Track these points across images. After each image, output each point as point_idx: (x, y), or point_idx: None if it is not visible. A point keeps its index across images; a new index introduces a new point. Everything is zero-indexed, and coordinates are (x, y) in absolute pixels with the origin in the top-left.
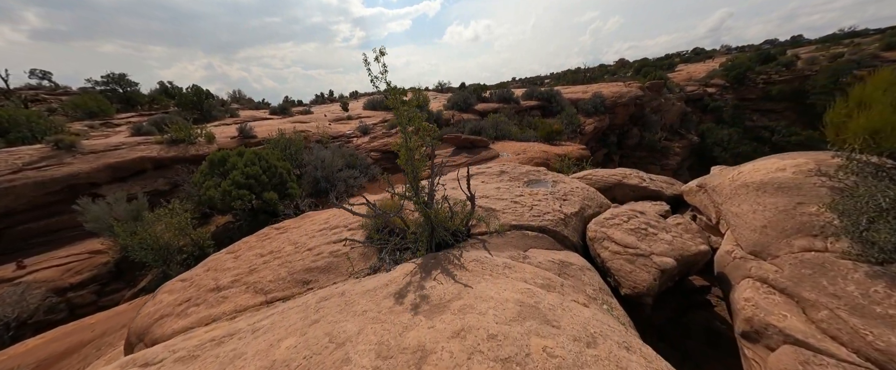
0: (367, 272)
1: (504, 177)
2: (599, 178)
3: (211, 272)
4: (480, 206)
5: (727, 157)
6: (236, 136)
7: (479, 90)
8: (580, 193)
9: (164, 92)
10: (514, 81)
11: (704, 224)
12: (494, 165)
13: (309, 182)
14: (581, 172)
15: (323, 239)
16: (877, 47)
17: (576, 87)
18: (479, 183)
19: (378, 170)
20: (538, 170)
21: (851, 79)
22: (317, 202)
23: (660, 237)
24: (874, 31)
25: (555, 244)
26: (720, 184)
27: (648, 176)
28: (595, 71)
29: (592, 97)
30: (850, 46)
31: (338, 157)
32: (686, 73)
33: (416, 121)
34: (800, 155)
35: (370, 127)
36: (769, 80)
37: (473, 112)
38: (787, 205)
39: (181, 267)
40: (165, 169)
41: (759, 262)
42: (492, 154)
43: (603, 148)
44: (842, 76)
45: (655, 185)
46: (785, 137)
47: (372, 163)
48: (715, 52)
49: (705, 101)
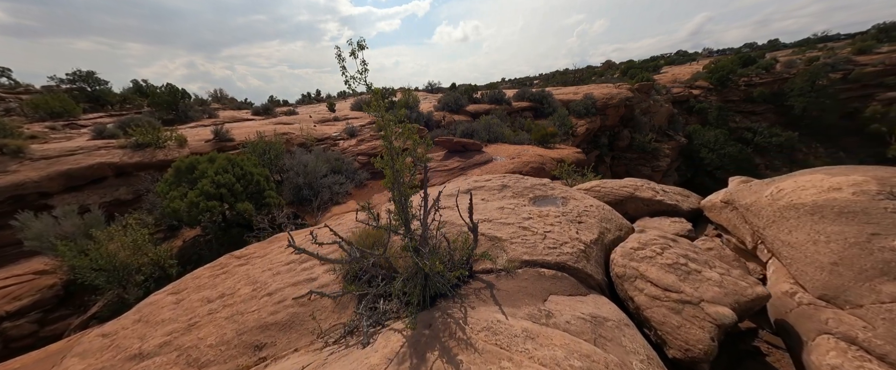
0: (341, 333)
1: (507, 192)
2: (609, 191)
3: (141, 324)
4: (484, 234)
5: (714, 158)
6: (211, 139)
7: (470, 91)
8: (596, 213)
9: (137, 91)
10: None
11: (735, 246)
12: (495, 178)
13: (290, 189)
14: (588, 183)
15: (289, 277)
16: (849, 52)
17: (566, 88)
18: (478, 201)
19: (366, 174)
20: (543, 182)
21: (827, 81)
22: (297, 211)
23: (705, 275)
24: (845, 35)
25: (577, 286)
26: (755, 202)
27: (660, 187)
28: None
29: (584, 98)
30: (824, 50)
31: (322, 161)
32: (671, 74)
33: (407, 133)
34: (852, 170)
35: (357, 129)
36: (750, 83)
37: (465, 113)
38: (858, 238)
39: (140, 289)
40: (128, 176)
41: (836, 313)
42: (485, 157)
43: (595, 149)
44: (818, 79)
45: (670, 197)
46: (766, 138)
47: (359, 167)
48: (697, 54)
49: (691, 103)
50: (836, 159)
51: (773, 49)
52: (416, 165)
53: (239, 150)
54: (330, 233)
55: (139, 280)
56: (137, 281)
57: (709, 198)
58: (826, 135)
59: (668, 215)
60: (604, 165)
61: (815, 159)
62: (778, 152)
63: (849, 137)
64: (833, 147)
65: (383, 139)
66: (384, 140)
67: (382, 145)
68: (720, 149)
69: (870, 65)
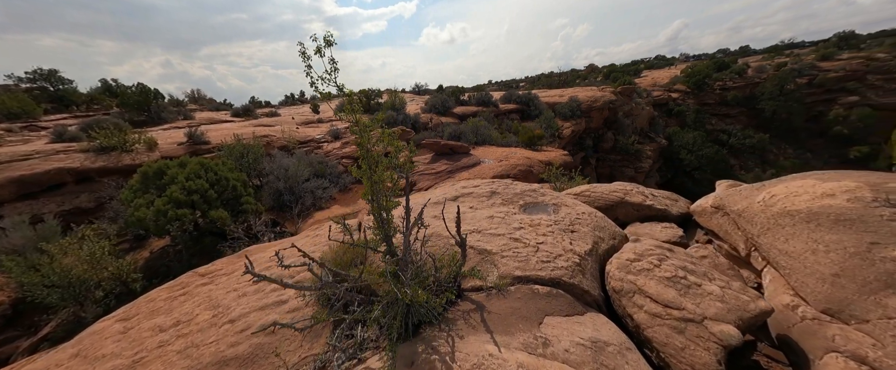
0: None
1: (496, 199)
2: (599, 196)
3: (78, 361)
4: (472, 248)
5: (692, 159)
6: (184, 142)
7: (457, 93)
8: (588, 221)
9: (106, 90)
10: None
11: (727, 252)
12: (483, 184)
13: (270, 194)
14: (578, 188)
15: (256, 300)
16: (813, 58)
17: (552, 91)
18: (467, 209)
19: (350, 178)
20: (533, 188)
21: (794, 86)
22: (277, 218)
23: (705, 289)
24: (809, 43)
25: (573, 304)
26: (748, 208)
27: (649, 191)
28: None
29: (569, 101)
30: (791, 57)
31: (304, 165)
32: (651, 78)
33: (387, 139)
34: (843, 175)
35: (342, 131)
36: (725, 87)
37: (452, 115)
38: (857, 247)
39: (99, 307)
40: (90, 182)
41: (842, 329)
42: (473, 160)
43: (580, 151)
44: (786, 83)
45: (659, 202)
46: (741, 140)
47: (343, 171)
48: (675, 59)
49: (670, 106)
50: (804, 160)
51: (744, 55)
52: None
53: (214, 154)
54: (306, 246)
55: (99, 296)
56: (97, 298)
57: (698, 203)
58: (794, 137)
59: (657, 220)
60: (589, 167)
61: (785, 159)
62: (751, 153)
63: (814, 139)
64: (801, 148)
65: (359, 147)
66: (360, 148)
67: (359, 153)
68: (698, 150)
69: (832, 71)
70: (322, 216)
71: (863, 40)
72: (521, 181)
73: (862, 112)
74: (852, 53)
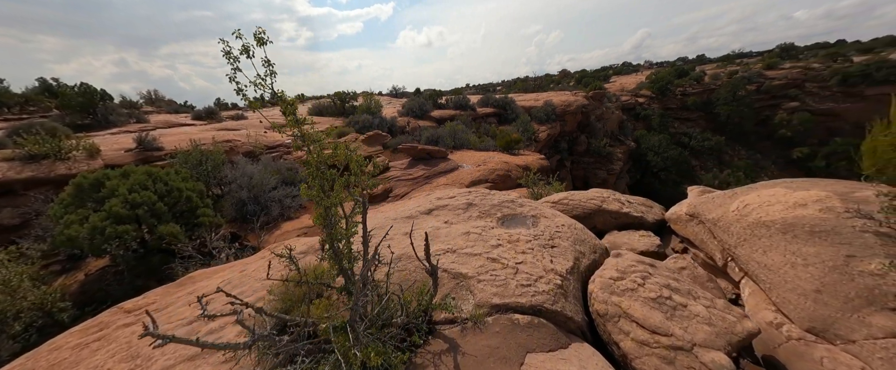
0: None
1: (473, 212)
2: (577, 204)
3: None
4: (446, 271)
5: (659, 161)
6: (133, 149)
7: (434, 96)
8: (568, 234)
9: (45, 90)
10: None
11: (703, 261)
12: (460, 194)
13: (232, 205)
14: (556, 195)
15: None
16: (760, 67)
17: (527, 95)
18: (441, 224)
19: None
20: (512, 199)
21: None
22: (239, 231)
23: (691, 310)
24: (756, 53)
25: (556, 335)
26: (722, 217)
27: (625, 198)
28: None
29: (544, 105)
30: (741, 65)
31: (271, 172)
32: (619, 84)
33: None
34: (810, 184)
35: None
36: (685, 92)
37: (430, 119)
38: (835, 260)
39: (17, 343)
40: (14, 196)
41: (829, 349)
42: (451, 165)
43: (556, 154)
44: (738, 90)
45: (635, 209)
46: (700, 142)
47: None
48: (640, 66)
49: (637, 110)
50: (755, 161)
51: (701, 63)
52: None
53: (167, 162)
54: (259, 270)
55: (16, 330)
56: (14, 332)
57: (673, 211)
58: (746, 139)
59: (634, 228)
60: (564, 169)
61: (739, 160)
62: (710, 155)
63: (763, 141)
64: (752, 150)
65: (306, 165)
66: (308, 165)
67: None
68: (664, 152)
69: (776, 78)
70: (290, 227)
71: (801, 51)
72: (500, 185)
73: (802, 116)
74: (793, 63)
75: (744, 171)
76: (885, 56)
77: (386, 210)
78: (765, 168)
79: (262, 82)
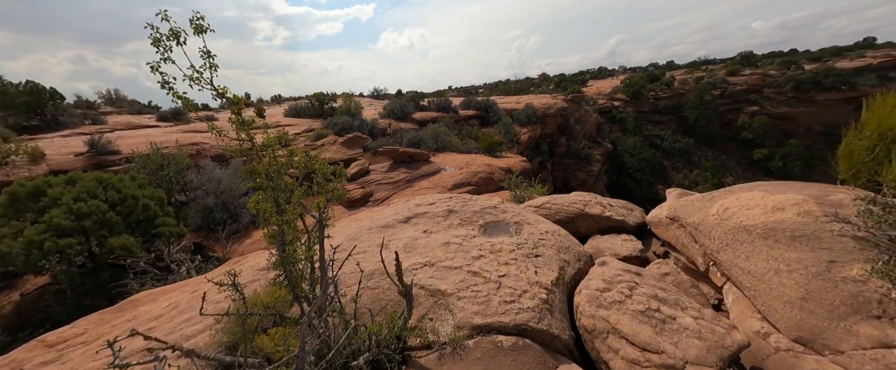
0: None
1: (453, 219)
2: (559, 208)
3: None
4: (423, 288)
5: (634, 162)
6: (85, 153)
7: (416, 98)
8: (552, 242)
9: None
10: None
11: (684, 266)
12: (440, 200)
13: (198, 212)
14: (538, 199)
15: None
16: (724, 73)
17: (509, 97)
18: (419, 233)
19: None
20: (494, 205)
21: (711, 96)
22: (205, 241)
23: (680, 323)
24: (720, 60)
25: (542, 357)
26: (703, 221)
27: (607, 201)
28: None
29: (525, 108)
30: (706, 71)
31: (243, 175)
32: (596, 88)
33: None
34: (786, 187)
35: (291, 137)
36: (657, 97)
37: (412, 121)
38: (818, 266)
39: None
40: None
41: (819, 361)
42: (433, 168)
43: (537, 156)
44: (704, 94)
45: (617, 212)
46: (671, 144)
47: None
48: (615, 71)
49: (613, 113)
50: (721, 161)
51: (670, 68)
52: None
53: (123, 167)
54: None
55: None
56: None
57: (654, 214)
58: (712, 141)
59: (616, 232)
60: (545, 171)
61: (706, 161)
62: (680, 156)
63: (728, 143)
64: (718, 151)
65: (254, 175)
66: (256, 175)
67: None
68: (639, 154)
69: (738, 84)
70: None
71: (759, 59)
72: (483, 188)
73: (761, 120)
74: (752, 70)
75: (711, 171)
76: (832, 65)
77: (362, 218)
78: (730, 168)
79: (199, 76)
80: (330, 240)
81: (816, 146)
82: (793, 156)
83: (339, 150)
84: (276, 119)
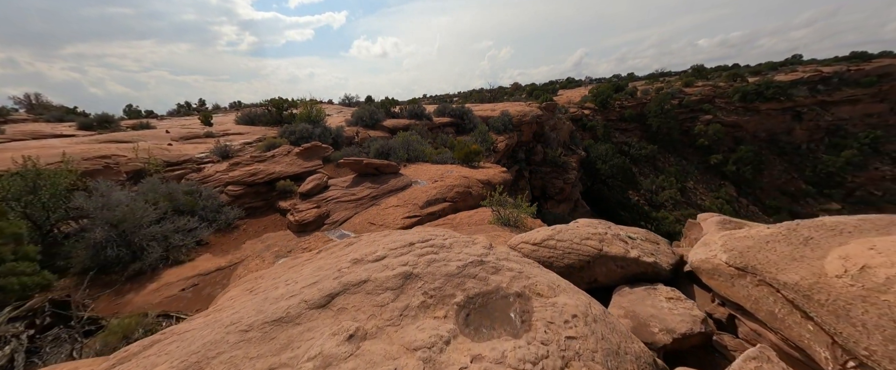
0: None
1: (412, 295)
2: (568, 247)
3: None
4: None
5: (606, 168)
6: None
7: (387, 105)
8: (592, 345)
9: None
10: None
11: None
12: (393, 250)
13: (87, 249)
14: (538, 234)
15: None
16: (680, 85)
17: (484, 105)
18: (342, 342)
19: (238, 212)
20: (478, 254)
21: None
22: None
23: None
24: (676, 72)
25: None
26: (818, 286)
27: (625, 232)
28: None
29: (501, 115)
30: (664, 83)
31: (160, 197)
32: (566, 97)
33: None
34: None
35: (235, 148)
36: (622, 105)
37: (382, 128)
38: None
39: None
40: None
41: None
42: (403, 181)
43: (515, 164)
44: (664, 104)
45: (644, 250)
46: (638, 151)
47: (230, 201)
48: (581, 81)
49: (584, 121)
50: (682, 166)
51: (632, 80)
52: None
53: None
54: None
55: None
56: None
57: (701, 256)
58: (674, 147)
59: (649, 281)
60: (523, 180)
61: (669, 167)
62: (646, 162)
63: (687, 149)
64: (679, 156)
65: None
66: None
67: None
68: (610, 160)
69: (693, 95)
70: (175, 276)
71: (709, 72)
72: (460, 205)
73: (715, 127)
74: (704, 82)
75: (675, 176)
76: (771, 78)
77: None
78: (690, 173)
79: None
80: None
81: (762, 152)
82: (744, 160)
83: (294, 161)
84: (225, 127)
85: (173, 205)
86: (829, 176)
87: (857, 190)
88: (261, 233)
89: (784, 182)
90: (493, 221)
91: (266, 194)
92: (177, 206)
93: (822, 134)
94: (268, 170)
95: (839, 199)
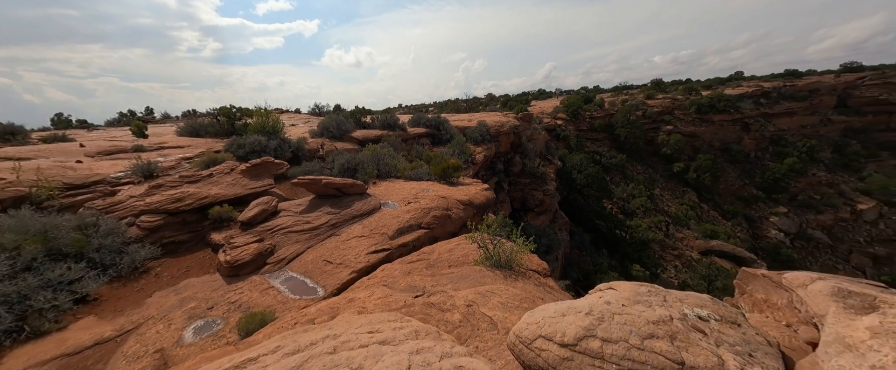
0: None
1: None
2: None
3: None
4: None
5: (581, 178)
6: None
7: (358, 114)
8: None
9: None
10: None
11: None
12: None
13: None
14: (565, 327)
15: None
16: (642, 97)
17: (460, 115)
18: None
19: (150, 251)
20: None
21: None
22: None
23: None
24: (638, 86)
25: None
26: None
27: (692, 311)
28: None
29: (478, 125)
30: (628, 95)
31: (22, 239)
32: (539, 107)
33: None
34: None
35: (167, 165)
36: (592, 116)
37: (351, 140)
38: None
39: None
40: None
41: None
42: (371, 204)
43: (493, 176)
44: (630, 115)
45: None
46: (608, 160)
47: (142, 235)
48: (552, 93)
49: (557, 132)
50: (649, 175)
51: (599, 92)
52: None
53: None
54: None
55: None
56: None
57: None
58: (640, 156)
59: None
60: (503, 192)
61: (638, 174)
62: (616, 170)
63: (653, 158)
64: (645, 165)
65: None
66: None
67: None
68: (585, 170)
69: (655, 106)
70: (27, 357)
71: (668, 86)
72: (438, 231)
73: (675, 137)
74: (664, 95)
75: (644, 184)
76: (721, 92)
77: None
78: (656, 181)
79: None
80: None
81: (718, 160)
82: (703, 168)
83: (237, 181)
84: (163, 138)
85: (48, 248)
86: (775, 181)
87: (799, 194)
88: (180, 278)
89: (738, 188)
90: (479, 261)
91: (195, 224)
92: (56, 249)
93: (766, 143)
94: (200, 192)
95: (785, 203)
